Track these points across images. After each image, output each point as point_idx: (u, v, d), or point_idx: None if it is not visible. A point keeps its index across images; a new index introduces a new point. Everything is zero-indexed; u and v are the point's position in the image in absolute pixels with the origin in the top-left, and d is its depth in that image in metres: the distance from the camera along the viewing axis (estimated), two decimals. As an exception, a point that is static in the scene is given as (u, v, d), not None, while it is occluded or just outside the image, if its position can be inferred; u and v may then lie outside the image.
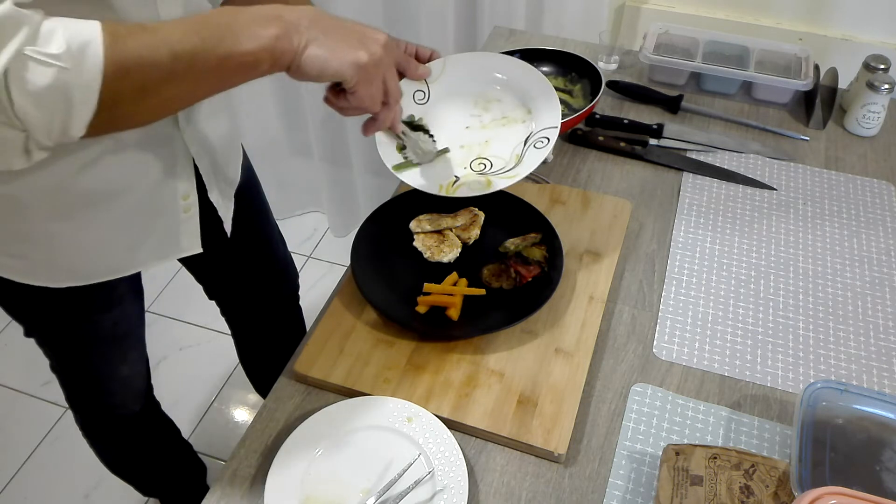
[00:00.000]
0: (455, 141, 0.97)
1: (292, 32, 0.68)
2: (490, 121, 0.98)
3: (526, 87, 0.97)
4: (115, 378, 1.11)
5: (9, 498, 1.68)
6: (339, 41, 0.71)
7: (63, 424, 1.82)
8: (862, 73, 1.29)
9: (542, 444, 0.81)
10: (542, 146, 0.92)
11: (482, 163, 0.95)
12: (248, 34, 0.65)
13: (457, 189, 0.92)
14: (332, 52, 0.71)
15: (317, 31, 0.70)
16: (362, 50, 0.73)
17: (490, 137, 0.97)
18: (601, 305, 0.96)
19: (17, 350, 1.98)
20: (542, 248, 0.99)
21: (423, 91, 0.97)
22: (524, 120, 0.97)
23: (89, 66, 0.57)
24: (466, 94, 0.99)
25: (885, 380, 0.90)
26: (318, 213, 2.36)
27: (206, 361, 1.95)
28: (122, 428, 1.24)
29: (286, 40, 0.68)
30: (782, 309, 0.98)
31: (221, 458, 1.71)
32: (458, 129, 0.98)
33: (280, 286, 1.34)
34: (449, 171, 0.94)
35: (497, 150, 0.95)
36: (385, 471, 0.79)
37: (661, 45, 1.38)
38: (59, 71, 0.55)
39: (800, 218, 1.12)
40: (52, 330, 1.01)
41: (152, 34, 0.61)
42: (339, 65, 0.71)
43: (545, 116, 0.95)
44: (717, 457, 0.75)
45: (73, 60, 0.56)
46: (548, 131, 0.93)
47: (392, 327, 0.93)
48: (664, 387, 0.89)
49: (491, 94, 0.99)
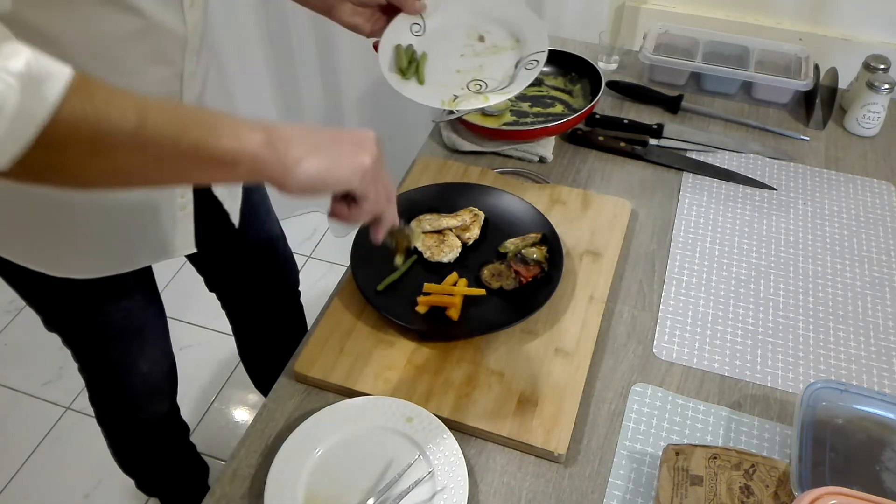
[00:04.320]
0: (451, 66, 1.05)
1: (279, 144, 0.63)
2: (483, 49, 1.06)
3: (514, 20, 1.07)
4: (135, 374, 1.12)
5: (9, 498, 1.68)
6: (336, 150, 0.68)
7: (63, 424, 1.82)
8: (862, 73, 1.29)
9: (542, 444, 0.81)
10: (532, 67, 1.00)
11: (478, 83, 1.02)
12: (232, 133, 0.61)
13: (457, 104, 1.00)
14: (332, 164, 0.67)
15: (306, 145, 0.66)
16: (363, 155, 0.70)
17: (483, 63, 1.05)
18: (601, 305, 0.96)
19: (17, 350, 1.97)
20: (542, 248, 0.99)
21: (419, 24, 1.06)
22: (513, 48, 1.06)
23: (41, 96, 0.50)
24: (459, 27, 1.08)
25: (885, 380, 0.90)
26: (318, 213, 2.36)
27: (206, 361, 1.95)
28: (144, 430, 1.26)
29: (272, 150, 0.63)
30: (782, 309, 0.98)
31: (221, 458, 1.71)
32: (453, 56, 1.06)
33: (280, 280, 1.35)
34: (448, 90, 1.02)
35: (491, 72, 1.04)
36: (385, 471, 0.79)
37: (661, 45, 1.38)
38: (5, 87, 0.49)
39: (800, 218, 1.12)
40: (66, 320, 1.02)
41: (127, 96, 0.56)
42: (343, 174, 0.68)
43: (533, 42, 1.04)
44: (717, 457, 0.75)
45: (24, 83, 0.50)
46: (537, 55, 1.02)
47: (392, 327, 0.93)
48: (664, 387, 0.89)
49: (482, 26, 1.08)
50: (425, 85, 1.02)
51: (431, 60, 1.04)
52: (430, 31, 1.06)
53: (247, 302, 1.35)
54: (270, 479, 0.77)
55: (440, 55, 1.05)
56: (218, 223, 1.06)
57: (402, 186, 1.13)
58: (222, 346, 1.98)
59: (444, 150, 1.22)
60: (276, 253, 1.30)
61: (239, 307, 1.38)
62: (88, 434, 1.79)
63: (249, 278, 1.28)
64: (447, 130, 1.23)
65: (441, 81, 1.03)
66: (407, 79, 1.02)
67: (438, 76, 1.03)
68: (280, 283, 1.35)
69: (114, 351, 1.07)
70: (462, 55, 1.06)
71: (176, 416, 1.34)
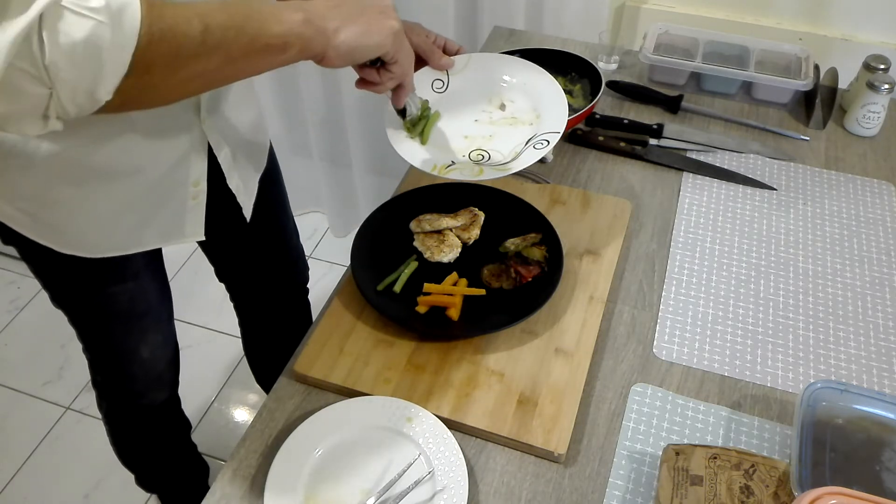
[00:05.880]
0: (460, 131, 1.00)
1: (317, 20, 0.70)
2: (499, 118, 1.02)
3: (540, 93, 1.01)
4: (136, 360, 1.12)
5: (9, 498, 1.68)
6: (366, 19, 0.74)
7: (63, 424, 1.82)
8: (862, 73, 1.29)
9: (542, 444, 0.81)
10: (541, 147, 0.94)
11: (480, 154, 0.97)
12: (276, 18, 0.67)
13: (449, 172, 0.95)
14: (366, 29, 0.74)
15: (340, 16, 0.72)
16: (391, 19, 0.76)
17: (495, 133, 1.00)
18: (601, 305, 0.96)
19: (17, 350, 1.97)
20: (542, 248, 0.99)
21: (441, 81, 1.02)
22: (532, 123, 1.00)
23: (126, 25, 0.55)
24: (482, 91, 1.03)
25: (885, 380, 0.90)
26: (318, 213, 2.36)
27: (206, 361, 1.95)
28: (143, 417, 1.26)
29: (313, 26, 0.70)
30: (782, 309, 0.98)
31: (222, 458, 1.71)
32: (467, 120, 1.01)
33: (290, 275, 1.36)
34: (447, 155, 0.97)
35: (498, 145, 0.98)
36: (385, 471, 0.79)
37: (661, 45, 1.38)
38: (96, 25, 0.54)
39: (800, 218, 1.12)
40: (71, 298, 1.03)
41: (186, 7, 0.60)
42: (378, 39, 0.75)
43: (552, 121, 0.98)
44: (717, 457, 0.75)
45: (111, 17, 0.54)
46: (549, 135, 0.96)
47: (392, 327, 0.93)
48: (664, 387, 0.89)
49: (506, 94, 1.04)
50: (427, 145, 0.97)
51: (443, 121, 1.00)
52: (451, 90, 1.02)
53: (254, 295, 1.36)
54: (270, 479, 0.77)
55: (454, 116, 1.01)
56: (231, 214, 1.06)
57: (402, 186, 1.13)
58: (222, 346, 1.99)
59: (444, 150, 1.22)
60: (287, 248, 1.30)
61: (246, 299, 1.39)
62: (88, 434, 1.79)
63: (259, 271, 1.29)
64: (447, 131, 1.22)
65: (444, 144, 0.98)
66: (410, 136, 0.98)
67: (444, 138, 0.99)
68: (289, 279, 1.36)
69: (116, 333, 1.08)
70: (476, 120, 1.01)
71: (177, 406, 1.35)
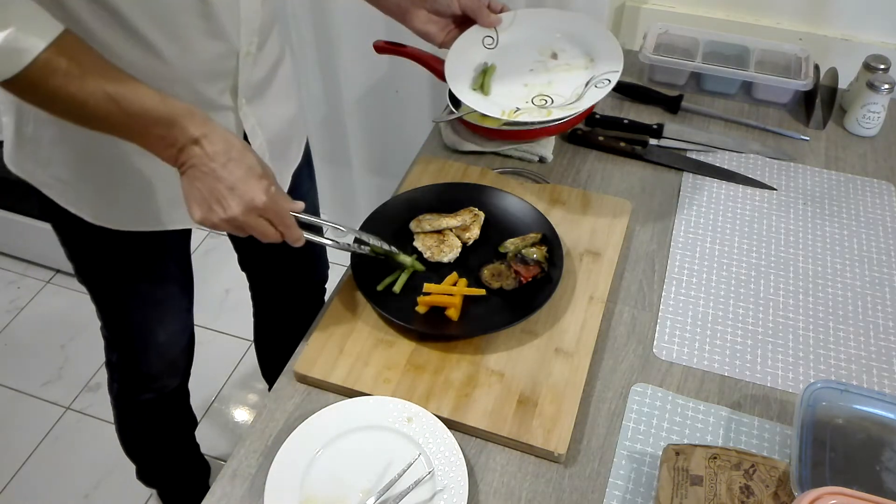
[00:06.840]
0: (519, 80, 1.04)
1: (179, 154, 0.75)
2: (554, 66, 1.06)
3: (591, 39, 1.05)
4: (152, 343, 1.13)
5: (9, 498, 1.68)
6: (202, 189, 0.76)
7: (63, 424, 1.82)
8: (862, 73, 1.29)
9: (542, 444, 0.81)
10: (603, 86, 0.98)
11: (543, 98, 1.01)
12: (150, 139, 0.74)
13: (518, 115, 0.99)
14: (186, 194, 0.77)
15: (201, 168, 0.75)
16: (212, 212, 0.76)
17: (553, 79, 1.04)
18: (601, 305, 0.96)
19: (17, 350, 1.97)
20: (542, 248, 0.99)
21: (492, 37, 1.06)
22: (586, 67, 1.04)
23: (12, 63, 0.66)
24: (533, 43, 1.07)
25: (885, 380, 0.90)
26: (318, 213, 2.36)
27: (207, 361, 1.94)
28: (152, 404, 1.27)
29: (174, 157, 0.75)
30: (782, 309, 0.98)
31: (222, 459, 1.71)
32: (522, 70, 1.05)
33: (311, 272, 1.37)
34: (511, 102, 1.00)
35: (558, 89, 1.02)
36: (385, 471, 0.79)
37: (661, 45, 1.38)
38: None
39: (800, 218, 1.12)
40: (96, 272, 1.04)
41: (84, 81, 0.69)
42: (200, 213, 0.77)
43: (607, 62, 1.02)
44: (717, 457, 0.75)
45: None
46: (610, 74, 1.00)
47: (392, 327, 0.93)
48: (664, 387, 0.89)
49: (556, 44, 1.07)
50: (490, 95, 1.01)
51: (499, 73, 1.04)
52: (502, 44, 1.06)
53: (274, 288, 1.38)
54: (270, 479, 0.77)
55: (509, 68, 1.04)
56: None
57: (402, 186, 1.13)
58: (223, 346, 1.99)
59: (444, 150, 1.22)
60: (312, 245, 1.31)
61: (265, 291, 1.41)
62: (88, 434, 1.79)
63: (282, 265, 1.30)
64: (447, 130, 1.23)
65: (506, 93, 1.02)
66: (473, 89, 1.01)
67: (504, 88, 1.03)
68: (309, 276, 1.37)
69: (136, 312, 1.09)
70: (531, 70, 1.05)
71: (185, 399, 1.36)
